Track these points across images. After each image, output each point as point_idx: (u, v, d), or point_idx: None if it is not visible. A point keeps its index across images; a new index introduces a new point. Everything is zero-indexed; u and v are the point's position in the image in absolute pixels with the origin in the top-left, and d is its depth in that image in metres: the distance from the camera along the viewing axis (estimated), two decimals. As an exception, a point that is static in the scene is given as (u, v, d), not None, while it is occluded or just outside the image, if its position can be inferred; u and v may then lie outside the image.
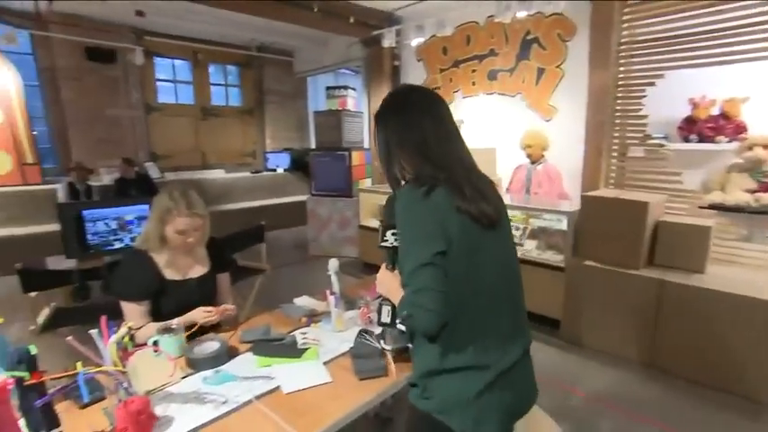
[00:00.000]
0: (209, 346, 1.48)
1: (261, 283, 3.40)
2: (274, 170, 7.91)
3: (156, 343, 1.39)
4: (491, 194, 1.13)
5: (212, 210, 1.75)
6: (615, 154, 3.69)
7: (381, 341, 1.44)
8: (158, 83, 7.00)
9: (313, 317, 1.81)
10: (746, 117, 2.92)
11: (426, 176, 1.06)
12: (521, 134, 4.29)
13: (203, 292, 1.77)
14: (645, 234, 2.79)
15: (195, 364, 1.39)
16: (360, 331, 1.59)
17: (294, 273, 4.86)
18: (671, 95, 3.26)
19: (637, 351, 2.82)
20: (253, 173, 7.74)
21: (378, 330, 1.57)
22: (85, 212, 3.00)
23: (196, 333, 1.61)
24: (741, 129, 2.92)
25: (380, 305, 1.22)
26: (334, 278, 1.75)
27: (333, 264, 1.77)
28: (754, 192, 2.82)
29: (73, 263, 2.99)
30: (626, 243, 2.85)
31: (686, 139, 3.15)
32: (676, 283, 2.62)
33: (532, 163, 4.26)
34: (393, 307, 1.19)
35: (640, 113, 3.45)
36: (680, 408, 2.39)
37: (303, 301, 1.98)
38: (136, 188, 5.39)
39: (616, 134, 3.66)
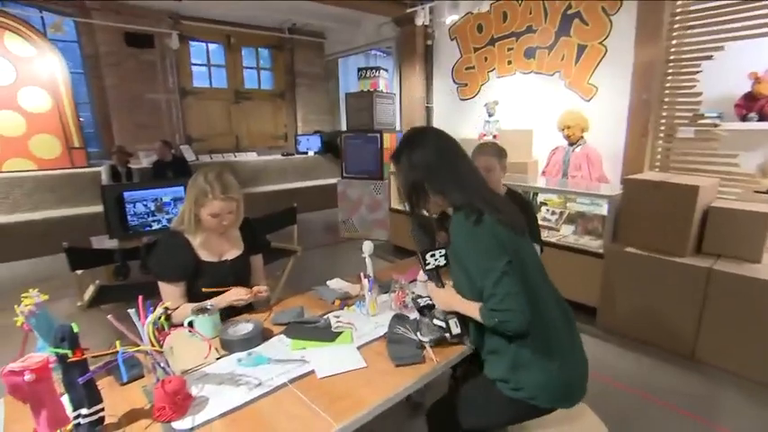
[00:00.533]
0: (243, 327, 1.48)
1: (292, 265, 3.44)
2: (305, 153, 7.95)
3: (191, 324, 1.41)
4: (508, 202, 1.34)
5: (244, 192, 1.74)
6: (662, 135, 3.48)
7: (418, 333, 1.41)
8: (193, 67, 7.10)
9: (346, 300, 1.79)
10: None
11: (462, 203, 1.24)
12: (558, 115, 4.12)
13: (238, 273, 1.78)
14: (694, 220, 2.62)
15: (229, 346, 1.40)
16: (394, 316, 1.56)
17: (324, 255, 4.90)
18: (727, 70, 3.02)
19: (678, 342, 2.68)
20: (284, 155, 7.80)
21: (413, 315, 1.54)
22: (126, 194, 3.09)
23: (230, 314, 1.63)
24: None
25: (446, 320, 1.35)
26: (368, 261, 1.72)
27: (367, 246, 1.74)
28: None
29: (115, 243, 3.10)
30: (672, 229, 2.68)
31: (744, 118, 2.92)
32: (727, 272, 2.46)
33: (571, 145, 4.09)
34: (459, 317, 1.34)
35: (693, 90, 3.22)
36: (723, 403, 2.27)
37: (336, 284, 1.96)
38: (172, 170, 5.54)
39: (663, 113, 3.44)
